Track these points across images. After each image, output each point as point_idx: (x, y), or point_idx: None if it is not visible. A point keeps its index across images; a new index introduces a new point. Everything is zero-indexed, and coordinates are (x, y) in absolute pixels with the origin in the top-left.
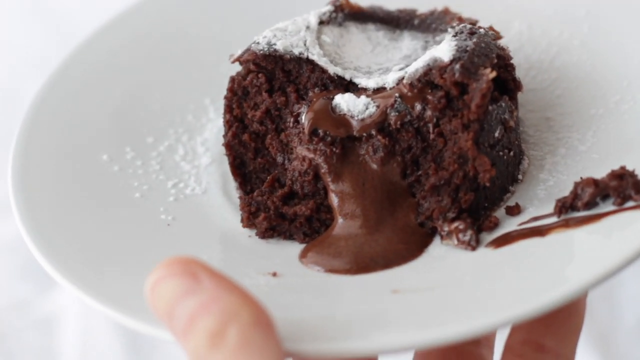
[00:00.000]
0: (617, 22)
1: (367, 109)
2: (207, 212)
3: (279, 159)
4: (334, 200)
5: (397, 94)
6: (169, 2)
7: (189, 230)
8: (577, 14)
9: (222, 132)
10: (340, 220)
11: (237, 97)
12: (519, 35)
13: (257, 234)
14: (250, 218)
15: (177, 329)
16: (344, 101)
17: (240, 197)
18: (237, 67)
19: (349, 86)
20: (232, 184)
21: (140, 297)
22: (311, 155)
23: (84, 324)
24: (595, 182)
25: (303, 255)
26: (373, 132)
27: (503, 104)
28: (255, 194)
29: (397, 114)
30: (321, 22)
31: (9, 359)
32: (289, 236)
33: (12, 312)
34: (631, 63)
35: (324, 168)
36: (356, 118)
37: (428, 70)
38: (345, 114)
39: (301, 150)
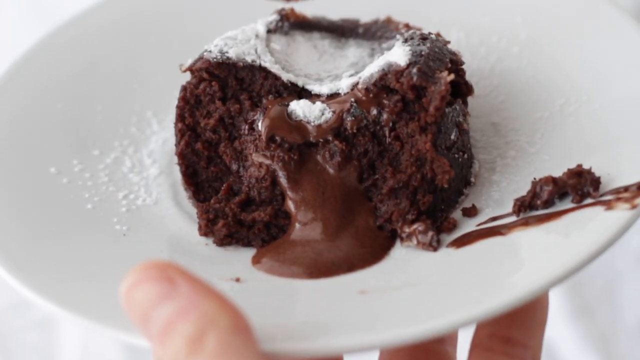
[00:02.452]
0: (554, 27)
1: (323, 114)
2: (161, 222)
3: (234, 167)
4: (292, 207)
5: (352, 99)
6: (107, 16)
7: (146, 239)
8: (514, 21)
9: (167, 144)
10: (297, 226)
11: (190, 105)
12: (457, 43)
13: (214, 242)
14: (208, 226)
15: (154, 334)
16: (299, 107)
17: (197, 205)
18: (178, 78)
19: (302, 93)
20: (183, 194)
21: (109, 303)
22: (268, 162)
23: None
24: (554, 180)
25: (256, 260)
26: (330, 138)
27: (457, 107)
28: (212, 201)
29: (353, 118)
30: (269, 31)
31: (9, 359)
32: (247, 243)
33: (12, 312)
34: (572, 67)
35: (281, 175)
36: (312, 124)
37: (384, 75)
38: (301, 120)
39: (257, 157)
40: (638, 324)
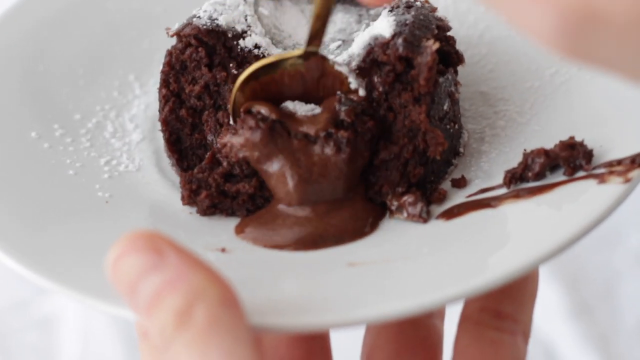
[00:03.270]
0: None
1: (313, 110)
2: (143, 189)
3: (209, 138)
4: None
5: (338, 92)
6: None
7: (129, 207)
8: None
9: (150, 109)
10: (280, 204)
11: (175, 71)
12: (444, 10)
13: (198, 212)
14: (191, 196)
15: (140, 306)
16: (291, 103)
17: (180, 175)
18: (161, 42)
19: None
20: (166, 161)
21: (93, 274)
22: (236, 140)
23: (83, 324)
24: (546, 153)
25: (239, 230)
26: (332, 130)
27: (449, 77)
28: (195, 171)
29: (346, 107)
30: None
31: (9, 358)
32: (231, 213)
33: (12, 312)
34: None
35: (248, 153)
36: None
37: (370, 50)
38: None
39: (224, 138)
40: (638, 324)
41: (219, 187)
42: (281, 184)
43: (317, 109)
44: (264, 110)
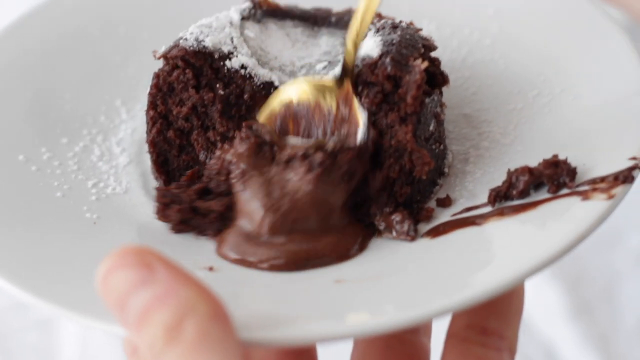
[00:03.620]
0: (526, 19)
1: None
2: (131, 210)
3: (202, 156)
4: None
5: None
6: (75, 3)
7: (117, 228)
8: (486, 13)
9: (137, 133)
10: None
11: (162, 93)
12: (428, 35)
13: (171, 228)
14: (163, 209)
15: (130, 321)
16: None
17: (156, 189)
18: (148, 67)
19: None
20: (153, 183)
21: (81, 291)
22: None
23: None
24: (530, 170)
25: (221, 252)
26: (311, 152)
27: (435, 98)
28: (173, 186)
29: (336, 140)
30: (242, 18)
31: (9, 358)
32: (201, 232)
33: (12, 312)
34: (544, 59)
35: (234, 169)
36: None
37: (359, 71)
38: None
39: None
40: (638, 324)
41: (191, 203)
42: (251, 213)
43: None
44: (263, 129)
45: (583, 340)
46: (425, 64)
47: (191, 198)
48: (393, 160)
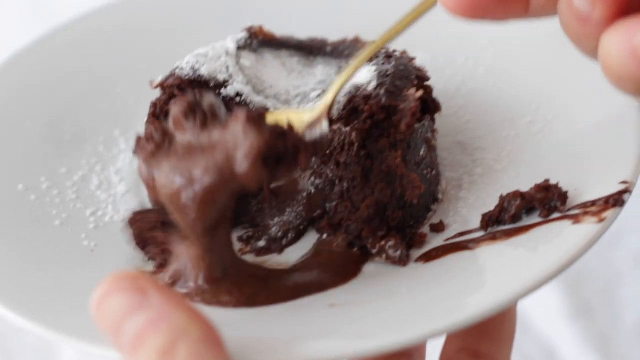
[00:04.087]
0: (521, 48)
1: None
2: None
3: None
4: None
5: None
6: (71, 37)
7: (114, 255)
8: (480, 42)
9: (135, 162)
10: None
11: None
12: (422, 64)
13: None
14: (130, 224)
15: (125, 345)
16: None
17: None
18: (146, 98)
19: None
20: None
21: (78, 316)
22: None
23: None
24: (521, 195)
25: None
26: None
27: (426, 124)
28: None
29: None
30: (238, 48)
31: (9, 359)
32: (149, 259)
33: None
34: (538, 87)
35: None
36: None
37: (352, 98)
38: None
39: None
40: (638, 324)
41: (147, 228)
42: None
43: None
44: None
45: (583, 340)
46: (420, 93)
47: (153, 225)
48: (384, 184)
